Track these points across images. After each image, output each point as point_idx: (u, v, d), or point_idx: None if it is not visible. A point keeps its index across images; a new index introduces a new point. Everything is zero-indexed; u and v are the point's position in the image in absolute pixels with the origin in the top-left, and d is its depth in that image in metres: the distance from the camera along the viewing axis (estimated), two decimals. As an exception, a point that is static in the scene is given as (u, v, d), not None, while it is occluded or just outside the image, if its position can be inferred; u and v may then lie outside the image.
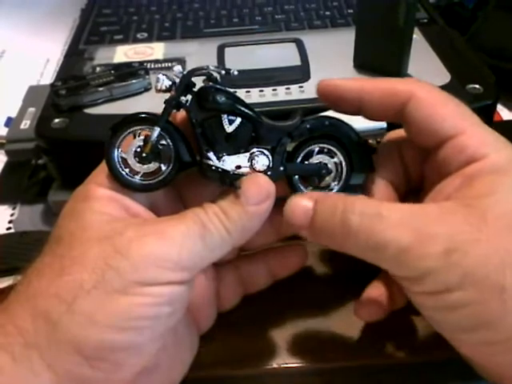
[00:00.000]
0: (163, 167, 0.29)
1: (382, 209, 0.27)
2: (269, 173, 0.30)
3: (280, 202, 0.29)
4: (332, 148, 0.31)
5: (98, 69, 0.48)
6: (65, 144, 0.41)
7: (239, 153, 0.30)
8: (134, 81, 0.44)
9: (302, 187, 0.31)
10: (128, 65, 0.47)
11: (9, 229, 0.45)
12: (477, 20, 0.59)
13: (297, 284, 0.37)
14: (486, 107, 0.42)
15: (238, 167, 0.29)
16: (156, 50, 0.51)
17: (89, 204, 0.27)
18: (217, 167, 0.29)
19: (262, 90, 0.44)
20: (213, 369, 0.33)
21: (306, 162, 0.31)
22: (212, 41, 0.52)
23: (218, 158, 0.29)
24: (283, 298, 0.36)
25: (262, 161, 0.30)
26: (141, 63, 0.47)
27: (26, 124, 0.46)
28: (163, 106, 0.29)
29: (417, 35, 0.48)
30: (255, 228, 0.28)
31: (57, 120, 0.42)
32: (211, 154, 0.29)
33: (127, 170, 0.29)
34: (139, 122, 0.29)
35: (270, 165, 0.30)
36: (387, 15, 0.43)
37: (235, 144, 0.29)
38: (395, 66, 0.44)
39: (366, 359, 0.34)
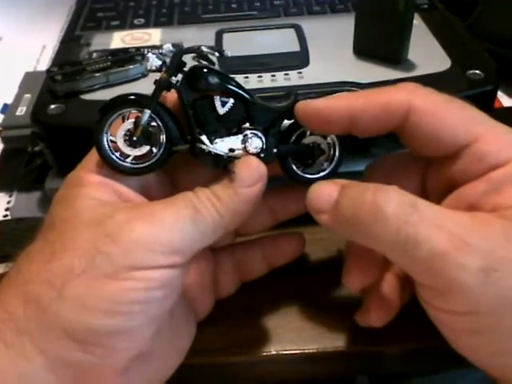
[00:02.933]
0: (154, 150, 0.28)
1: (418, 201, 0.25)
2: (262, 155, 0.29)
3: (274, 185, 0.29)
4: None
5: (94, 54, 0.47)
6: (61, 130, 0.41)
7: (232, 134, 0.29)
8: (130, 66, 0.44)
9: (294, 168, 0.31)
10: (125, 50, 0.46)
11: (5, 216, 0.45)
12: (478, 6, 0.58)
13: (294, 271, 0.37)
14: (487, 93, 0.42)
15: (231, 150, 0.29)
16: (153, 36, 0.51)
17: (80, 190, 0.27)
18: (209, 151, 0.28)
19: (260, 76, 0.43)
20: (210, 356, 0.33)
21: (299, 144, 0.31)
22: (210, 27, 0.52)
23: (211, 141, 0.28)
24: (280, 285, 0.36)
25: (255, 143, 0.29)
26: (138, 49, 0.46)
27: (22, 110, 0.46)
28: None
29: (417, 21, 0.48)
30: (248, 211, 0.28)
31: (53, 106, 0.41)
32: (204, 137, 0.28)
33: (117, 154, 0.28)
34: (129, 103, 0.28)
35: (264, 147, 0.29)
36: (387, 0, 0.42)
37: (228, 125, 0.29)
38: (395, 52, 0.44)
39: (364, 346, 0.34)
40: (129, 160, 0.28)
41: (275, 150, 0.30)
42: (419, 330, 0.33)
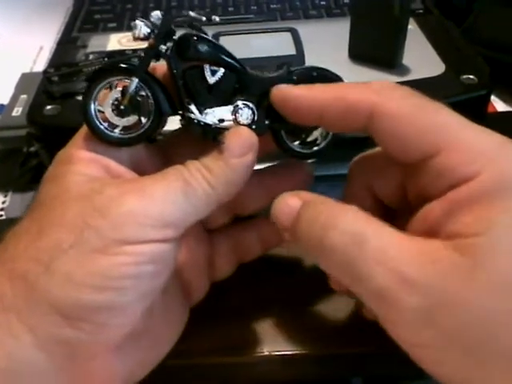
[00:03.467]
0: (143, 120, 0.28)
1: (368, 232, 0.23)
2: (253, 126, 0.29)
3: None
4: None
5: (91, 56, 0.48)
6: (57, 131, 0.41)
7: (222, 105, 0.28)
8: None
9: (288, 142, 0.30)
10: (121, 52, 0.46)
11: (0, 216, 0.45)
12: (472, 11, 0.59)
13: (287, 272, 0.37)
14: (481, 97, 0.42)
15: (221, 120, 0.28)
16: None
17: (69, 167, 0.27)
18: (199, 121, 0.28)
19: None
20: (202, 356, 0.33)
21: None
22: (207, 29, 0.52)
23: (200, 111, 0.28)
24: (273, 286, 0.36)
25: (246, 114, 0.28)
26: (134, 51, 0.47)
27: (18, 111, 0.46)
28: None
29: (412, 25, 0.48)
30: (240, 182, 0.27)
31: (49, 107, 0.42)
32: (193, 107, 0.28)
33: (106, 124, 0.27)
34: (116, 72, 0.27)
35: (255, 118, 0.29)
36: (382, 5, 0.43)
37: (218, 96, 0.28)
38: (390, 56, 0.44)
39: (358, 347, 0.34)
40: (117, 130, 0.28)
41: (267, 122, 0.29)
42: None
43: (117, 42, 0.51)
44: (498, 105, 0.54)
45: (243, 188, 0.28)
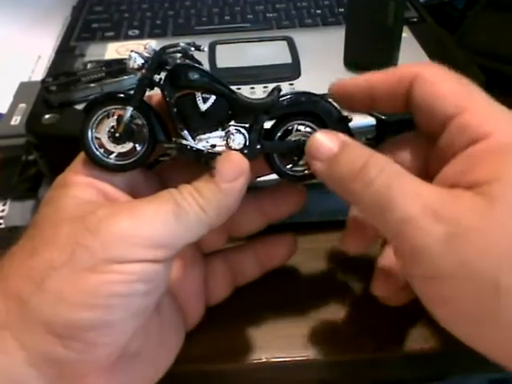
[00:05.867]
0: (138, 147, 0.29)
1: (401, 172, 0.26)
2: (245, 151, 0.29)
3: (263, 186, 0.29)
4: (311, 125, 0.30)
5: (89, 65, 0.48)
6: (55, 140, 0.41)
7: (215, 131, 0.29)
8: (124, 77, 0.44)
9: (280, 165, 0.31)
10: (119, 61, 0.47)
11: (-1, 224, 0.45)
12: (466, 19, 0.59)
13: (284, 279, 0.37)
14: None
15: (214, 146, 0.29)
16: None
17: (65, 190, 0.27)
18: (191, 147, 0.29)
19: (252, 88, 0.44)
20: (199, 363, 0.33)
21: (285, 140, 0.31)
22: (203, 38, 0.52)
23: (193, 137, 0.29)
24: (270, 293, 0.36)
25: (238, 139, 0.29)
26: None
27: (16, 120, 0.46)
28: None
29: (406, 34, 0.49)
30: (232, 206, 0.28)
31: (47, 116, 0.42)
32: (185, 133, 0.29)
33: (102, 150, 0.29)
34: (112, 101, 0.29)
35: (247, 143, 0.30)
36: (377, 14, 0.43)
37: (210, 122, 0.29)
38: (385, 64, 0.44)
39: (355, 353, 0.34)
40: (112, 156, 0.29)
41: (258, 146, 0.30)
42: (413, 335, 0.34)
43: (114, 51, 0.51)
44: (492, 111, 0.55)
45: (238, 210, 0.29)
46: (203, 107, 0.29)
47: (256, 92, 0.44)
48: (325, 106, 0.30)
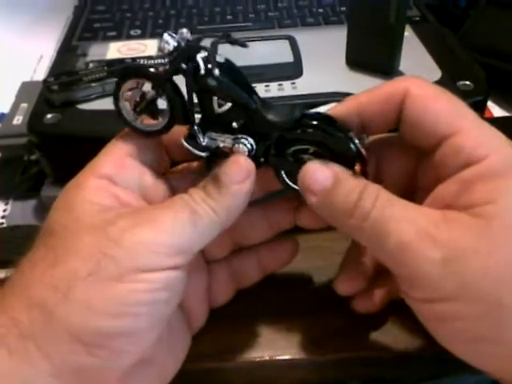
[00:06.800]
0: (160, 119, 0.30)
1: (392, 199, 0.27)
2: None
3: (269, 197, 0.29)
4: (320, 151, 0.29)
5: (90, 65, 0.48)
6: (57, 139, 0.41)
7: (224, 133, 0.30)
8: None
9: (288, 181, 0.31)
10: (121, 61, 0.47)
11: (1, 224, 0.45)
12: (468, 18, 0.59)
13: (286, 279, 0.37)
14: (477, 103, 0.42)
15: (219, 147, 0.30)
16: (149, 47, 0.51)
17: (79, 195, 0.28)
18: (200, 140, 0.30)
19: (254, 86, 0.44)
20: (202, 361, 0.33)
21: (295, 158, 0.30)
22: (205, 37, 0.52)
23: (203, 134, 0.30)
24: (273, 292, 0.36)
25: (243, 148, 0.29)
26: (134, 59, 0.47)
27: (18, 119, 0.46)
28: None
29: (408, 32, 0.49)
30: (240, 207, 0.29)
31: (49, 115, 0.42)
32: (197, 127, 0.29)
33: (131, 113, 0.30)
34: (142, 76, 0.29)
35: (252, 153, 0.30)
36: (379, 13, 0.43)
37: (221, 124, 0.30)
38: (387, 63, 0.44)
39: (355, 352, 0.34)
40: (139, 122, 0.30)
41: (262, 160, 0.30)
42: (412, 336, 0.34)
43: (116, 50, 0.51)
44: (495, 110, 0.55)
45: (246, 219, 0.30)
46: (218, 110, 0.29)
47: (258, 91, 0.43)
48: (348, 148, 0.28)
